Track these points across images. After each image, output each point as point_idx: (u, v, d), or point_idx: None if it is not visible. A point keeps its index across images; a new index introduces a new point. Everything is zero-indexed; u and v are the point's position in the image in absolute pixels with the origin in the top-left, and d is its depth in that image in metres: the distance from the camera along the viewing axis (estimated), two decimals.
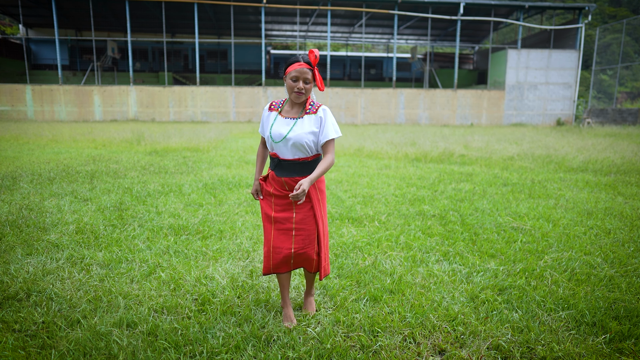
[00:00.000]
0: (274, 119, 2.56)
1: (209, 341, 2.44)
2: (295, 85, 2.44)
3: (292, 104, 2.57)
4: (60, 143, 12.50)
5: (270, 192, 2.61)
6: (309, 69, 2.44)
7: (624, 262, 3.66)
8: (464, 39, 38.57)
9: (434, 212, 5.26)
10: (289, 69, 2.46)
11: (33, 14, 32.51)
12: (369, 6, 28.74)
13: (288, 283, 2.73)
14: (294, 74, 2.43)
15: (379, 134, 16.43)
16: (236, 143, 13.38)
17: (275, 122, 2.55)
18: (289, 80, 2.46)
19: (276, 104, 2.62)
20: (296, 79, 2.44)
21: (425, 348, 2.44)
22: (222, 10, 30.00)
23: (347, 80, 38.82)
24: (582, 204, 5.74)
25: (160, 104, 27.61)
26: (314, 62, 2.43)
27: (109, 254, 3.69)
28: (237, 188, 6.54)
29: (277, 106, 2.61)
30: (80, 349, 2.36)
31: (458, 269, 3.50)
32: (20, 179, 6.87)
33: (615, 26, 34.76)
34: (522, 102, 28.98)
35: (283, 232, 2.57)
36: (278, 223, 2.58)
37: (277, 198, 2.59)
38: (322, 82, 2.52)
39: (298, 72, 2.42)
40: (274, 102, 2.64)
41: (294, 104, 2.56)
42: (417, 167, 8.86)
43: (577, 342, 2.49)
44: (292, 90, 2.46)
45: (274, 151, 2.56)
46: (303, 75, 2.43)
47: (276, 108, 2.60)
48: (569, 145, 12.54)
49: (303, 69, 2.42)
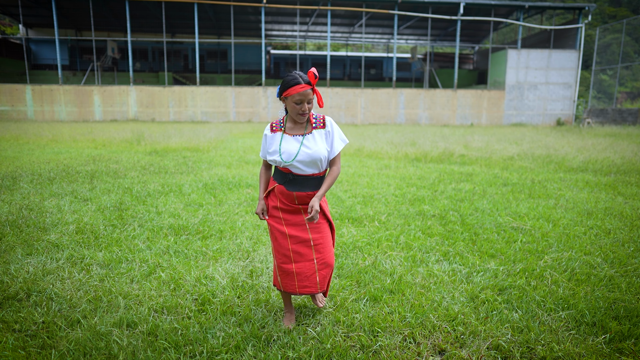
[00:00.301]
0: (280, 139, 2.55)
1: (209, 341, 2.44)
2: (300, 108, 2.46)
3: (293, 121, 2.57)
4: (60, 143, 12.51)
5: (277, 206, 2.60)
6: (311, 89, 2.44)
7: (624, 262, 3.66)
8: (464, 39, 38.58)
9: (434, 212, 5.26)
10: (290, 91, 2.43)
11: (33, 14, 32.52)
12: (369, 6, 28.74)
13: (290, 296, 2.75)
14: (298, 97, 2.42)
15: (379, 134, 16.43)
16: (236, 143, 13.38)
17: (282, 141, 2.54)
18: (292, 103, 2.45)
19: (277, 124, 2.61)
20: (300, 102, 2.45)
21: (425, 348, 2.44)
22: (222, 10, 30.00)
23: (347, 80, 38.83)
24: (582, 204, 5.74)
25: (160, 104, 27.62)
26: (313, 82, 2.43)
27: (109, 254, 3.69)
28: (237, 188, 6.55)
29: (279, 126, 2.60)
30: (80, 349, 2.36)
31: (458, 269, 3.50)
32: (20, 179, 6.87)
33: (615, 26, 34.77)
34: (522, 102, 28.98)
35: (302, 245, 2.57)
36: (294, 238, 2.58)
37: (285, 212, 2.59)
38: (321, 99, 2.54)
39: (302, 95, 2.42)
40: (273, 123, 2.62)
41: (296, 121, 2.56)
42: (417, 167, 8.86)
43: (577, 342, 2.49)
44: (297, 113, 2.48)
45: (287, 167, 2.55)
46: (307, 97, 2.44)
47: (279, 128, 2.59)
48: (569, 145, 12.54)
49: (306, 91, 2.42)
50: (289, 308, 2.74)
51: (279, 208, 2.59)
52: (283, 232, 2.57)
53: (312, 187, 2.56)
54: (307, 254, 2.56)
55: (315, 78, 2.43)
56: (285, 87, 2.45)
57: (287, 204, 2.58)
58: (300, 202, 2.57)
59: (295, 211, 2.58)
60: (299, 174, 2.54)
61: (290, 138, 2.54)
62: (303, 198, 2.56)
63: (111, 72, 34.05)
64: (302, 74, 2.47)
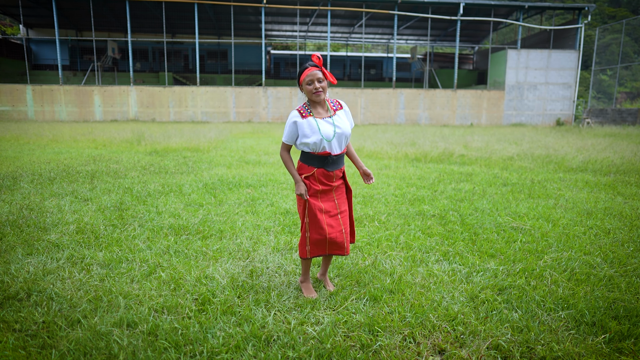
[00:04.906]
0: (316, 123, 2.81)
1: (209, 341, 2.44)
2: (313, 87, 2.77)
3: (315, 105, 2.86)
4: (60, 143, 12.51)
5: (319, 189, 2.88)
6: (318, 69, 2.76)
7: (624, 262, 3.66)
8: (463, 39, 38.58)
9: (434, 212, 5.26)
10: (301, 77, 2.78)
11: (33, 14, 32.52)
12: (369, 6, 28.74)
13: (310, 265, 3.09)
14: (308, 79, 2.76)
15: (379, 134, 16.43)
16: (236, 143, 13.38)
17: (319, 125, 2.81)
18: (306, 86, 2.78)
19: (304, 110, 2.86)
20: (311, 82, 2.76)
21: (425, 348, 2.44)
22: (222, 10, 30.01)
23: (347, 81, 38.82)
24: (581, 204, 5.75)
25: (160, 104, 27.62)
26: (318, 62, 2.74)
27: (110, 254, 3.69)
28: (237, 188, 6.55)
29: (306, 112, 2.85)
30: (81, 349, 2.36)
31: (458, 269, 3.50)
32: (20, 179, 6.88)
33: (615, 26, 34.77)
34: (522, 102, 28.98)
35: (333, 219, 2.92)
36: (327, 213, 2.90)
37: (323, 193, 2.91)
38: (332, 75, 2.83)
39: (311, 76, 2.75)
40: (299, 109, 2.86)
41: (317, 104, 2.86)
42: (417, 167, 8.86)
43: (576, 342, 2.49)
44: (311, 93, 2.78)
45: (325, 150, 2.82)
46: (315, 77, 2.76)
47: (308, 114, 2.84)
48: (569, 145, 12.54)
49: (313, 72, 2.75)
50: (307, 278, 3.06)
51: (319, 190, 2.88)
52: (321, 209, 2.88)
53: (342, 163, 2.96)
54: (337, 224, 2.92)
55: (319, 59, 2.73)
56: (298, 78, 2.82)
57: (327, 184, 2.89)
58: (337, 178, 2.93)
59: (329, 190, 2.92)
60: (336, 154, 2.86)
61: (322, 121, 2.82)
62: (338, 174, 2.93)
63: (111, 72, 34.05)
64: (310, 61, 2.82)
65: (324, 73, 2.77)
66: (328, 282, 3.20)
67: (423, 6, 28.33)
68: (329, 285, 3.17)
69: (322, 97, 2.80)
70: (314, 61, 2.74)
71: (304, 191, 2.85)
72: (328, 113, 2.87)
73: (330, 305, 2.91)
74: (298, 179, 2.87)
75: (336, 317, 2.72)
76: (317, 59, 2.72)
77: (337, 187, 2.95)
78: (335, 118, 2.85)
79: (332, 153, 2.83)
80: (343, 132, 2.84)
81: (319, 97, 2.78)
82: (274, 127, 22.37)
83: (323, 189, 2.88)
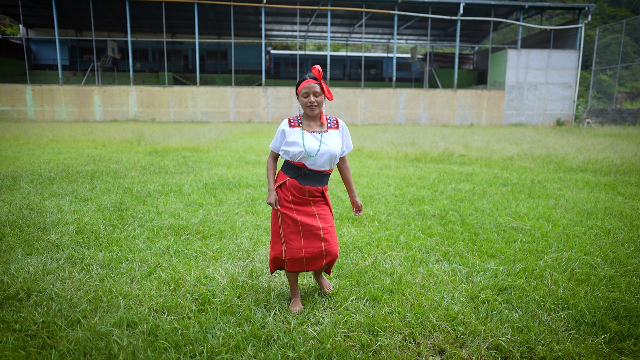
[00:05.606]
0: (301, 134, 2.73)
1: (209, 341, 2.44)
2: (307, 100, 2.69)
3: (308, 118, 2.78)
4: (60, 143, 12.51)
5: (289, 199, 2.76)
6: (316, 83, 2.69)
7: (624, 262, 3.66)
8: (463, 39, 38.58)
9: (434, 212, 5.26)
10: (299, 88, 2.71)
11: (33, 14, 32.52)
12: (369, 6, 28.74)
13: (297, 278, 2.94)
14: (304, 90, 2.69)
15: (379, 134, 16.43)
16: (236, 143, 13.38)
17: (304, 137, 2.72)
18: (301, 98, 2.71)
19: (294, 120, 2.79)
20: (307, 95, 2.69)
21: (425, 348, 2.44)
22: (222, 10, 30.01)
23: (347, 81, 38.83)
24: (581, 204, 5.74)
25: (160, 104, 27.62)
26: (318, 76, 2.68)
27: (109, 254, 3.69)
28: (237, 188, 6.55)
29: (296, 122, 2.78)
30: (81, 349, 2.36)
31: (458, 269, 3.50)
32: (20, 179, 6.87)
33: (615, 26, 34.78)
34: (522, 102, 28.98)
35: (312, 234, 2.75)
36: (305, 225, 2.74)
37: (298, 205, 2.77)
38: (329, 92, 2.76)
39: (307, 89, 2.68)
40: (290, 118, 2.80)
41: (310, 118, 2.77)
42: (417, 167, 8.86)
43: (576, 342, 2.49)
44: (306, 106, 2.71)
45: (301, 162, 2.72)
46: (312, 90, 2.68)
47: (297, 124, 2.77)
48: (569, 145, 12.54)
49: (311, 85, 2.68)
50: (294, 292, 2.92)
51: (290, 200, 2.76)
52: (295, 220, 2.74)
53: (322, 182, 2.79)
54: (316, 241, 2.74)
55: (319, 72, 2.66)
56: (296, 88, 2.76)
57: (299, 197, 2.76)
58: (311, 195, 2.77)
59: (306, 203, 2.77)
60: (313, 169, 2.73)
61: (309, 135, 2.73)
62: (313, 192, 2.76)
63: (111, 72, 34.05)
64: (310, 73, 2.73)
65: (322, 88, 2.70)
66: (323, 283, 3.11)
67: (423, 6, 28.33)
68: (324, 287, 3.09)
69: (317, 112, 2.71)
70: (314, 74, 2.68)
71: (274, 201, 2.75)
72: (320, 128, 2.76)
73: (330, 306, 2.91)
74: (271, 188, 2.78)
75: (336, 317, 2.72)
76: (317, 72, 2.66)
77: (316, 201, 2.78)
78: (325, 135, 2.74)
79: (307, 166, 2.71)
80: (329, 151, 2.71)
81: (313, 111, 2.70)
82: (274, 127, 22.38)
83: (295, 200, 2.74)
